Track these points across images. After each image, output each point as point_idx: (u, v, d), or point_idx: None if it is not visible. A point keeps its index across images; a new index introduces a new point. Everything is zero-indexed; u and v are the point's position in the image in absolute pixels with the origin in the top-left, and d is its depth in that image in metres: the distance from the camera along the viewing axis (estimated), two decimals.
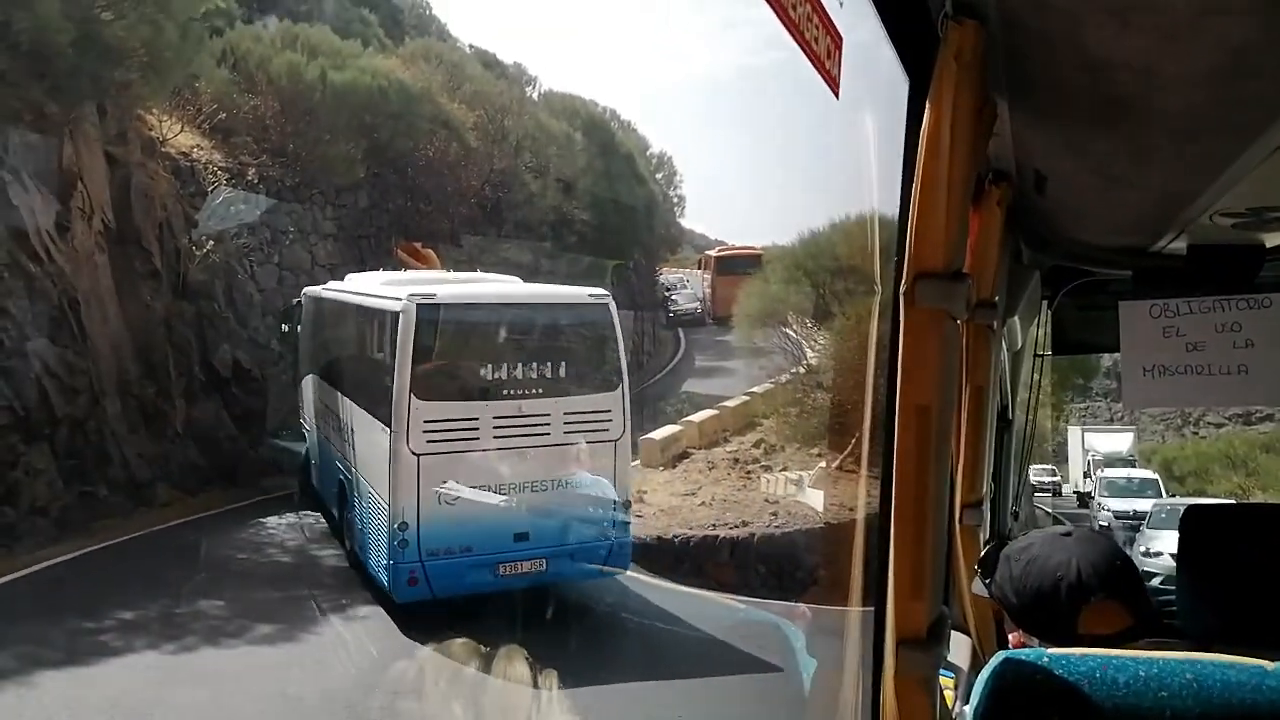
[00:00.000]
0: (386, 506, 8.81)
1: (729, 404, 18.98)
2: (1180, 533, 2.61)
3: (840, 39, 1.06)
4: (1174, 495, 25.19)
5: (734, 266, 25.14)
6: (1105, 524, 22.04)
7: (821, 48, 1.00)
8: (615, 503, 9.48)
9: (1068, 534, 1.70)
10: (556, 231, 22.18)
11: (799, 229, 21.39)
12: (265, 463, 14.58)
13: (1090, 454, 32.72)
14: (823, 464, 15.81)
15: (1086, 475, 30.81)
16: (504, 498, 8.89)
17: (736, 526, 13.31)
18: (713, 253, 30.06)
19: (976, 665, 1.55)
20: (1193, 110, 1.24)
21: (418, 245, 16.55)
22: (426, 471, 8.66)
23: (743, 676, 8.25)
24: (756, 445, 17.19)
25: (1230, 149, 1.34)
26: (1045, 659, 1.42)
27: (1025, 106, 1.50)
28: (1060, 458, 36.43)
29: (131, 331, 13.53)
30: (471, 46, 25.42)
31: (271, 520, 12.73)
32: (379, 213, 18.80)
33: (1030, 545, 1.71)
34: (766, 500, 14.52)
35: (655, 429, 17.29)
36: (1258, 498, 29.41)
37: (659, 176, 31.56)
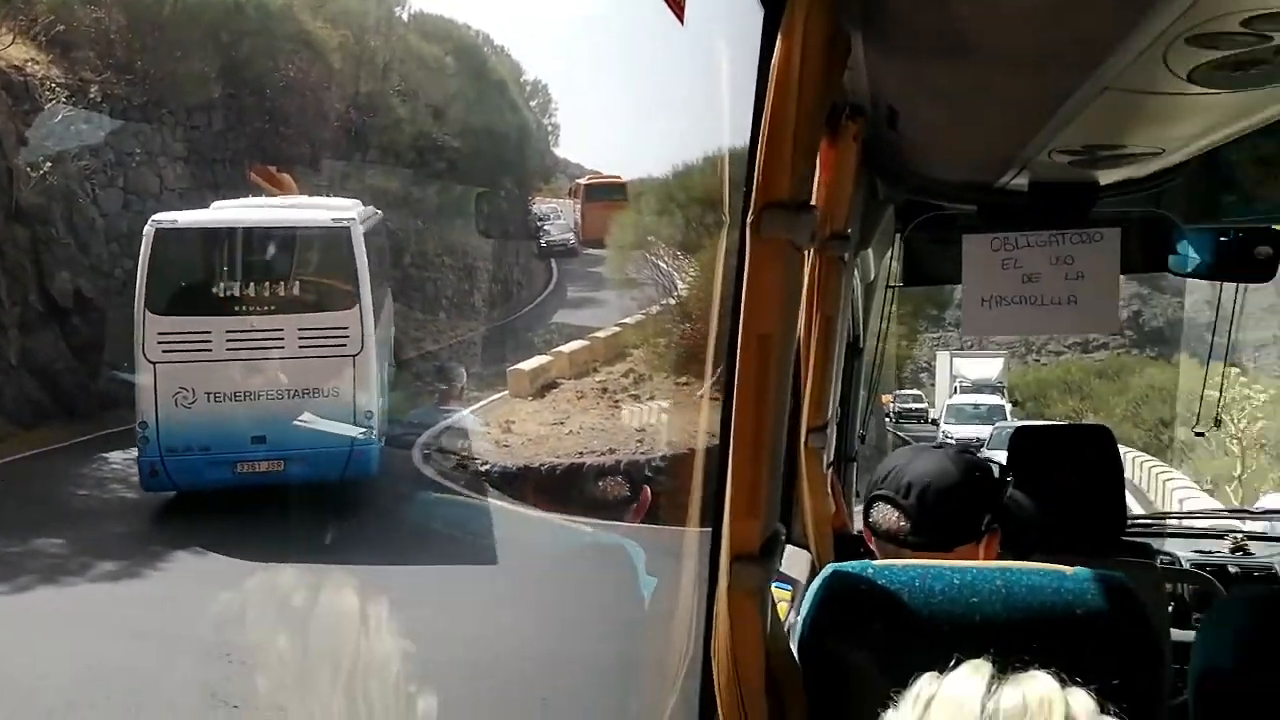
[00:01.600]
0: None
1: (600, 334, 19.08)
2: (1009, 452, 2.81)
3: None
4: (1016, 419, 26.60)
5: (602, 194, 25.44)
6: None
7: None
8: (355, 412, 10.36)
9: (938, 447, 1.85)
10: (425, 158, 21.52)
11: (671, 161, 21.56)
12: (108, 396, 13.80)
13: (958, 380, 34.15)
14: (690, 392, 16.14)
15: None
16: (239, 404, 10.04)
17: (604, 454, 13.51)
18: (582, 181, 29.89)
19: (813, 578, 1.64)
20: (1030, 46, 1.29)
21: (273, 169, 15.88)
22: (162, 378, 9.91)
23: (587, 595, 8.58)
24: (626, 375, 17.39)
25: (1064, 86, 1.40)
26: (870, 570, 1.51)
27: (877, 40, 1.52)
28: (931, 383, 38.07)
29: None
30: None
31: (116, 455, 12.09)
32: (235, 135, 17.81)
33: (897, 452, 1.83)
34: (634, 428, 14.76)
35: (525, 359, 17.25)
36: (1089, 420, 31.76)
37: (533, 104, 30.86)
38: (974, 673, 0.96)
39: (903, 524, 1.72)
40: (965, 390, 32.35)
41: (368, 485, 10.99)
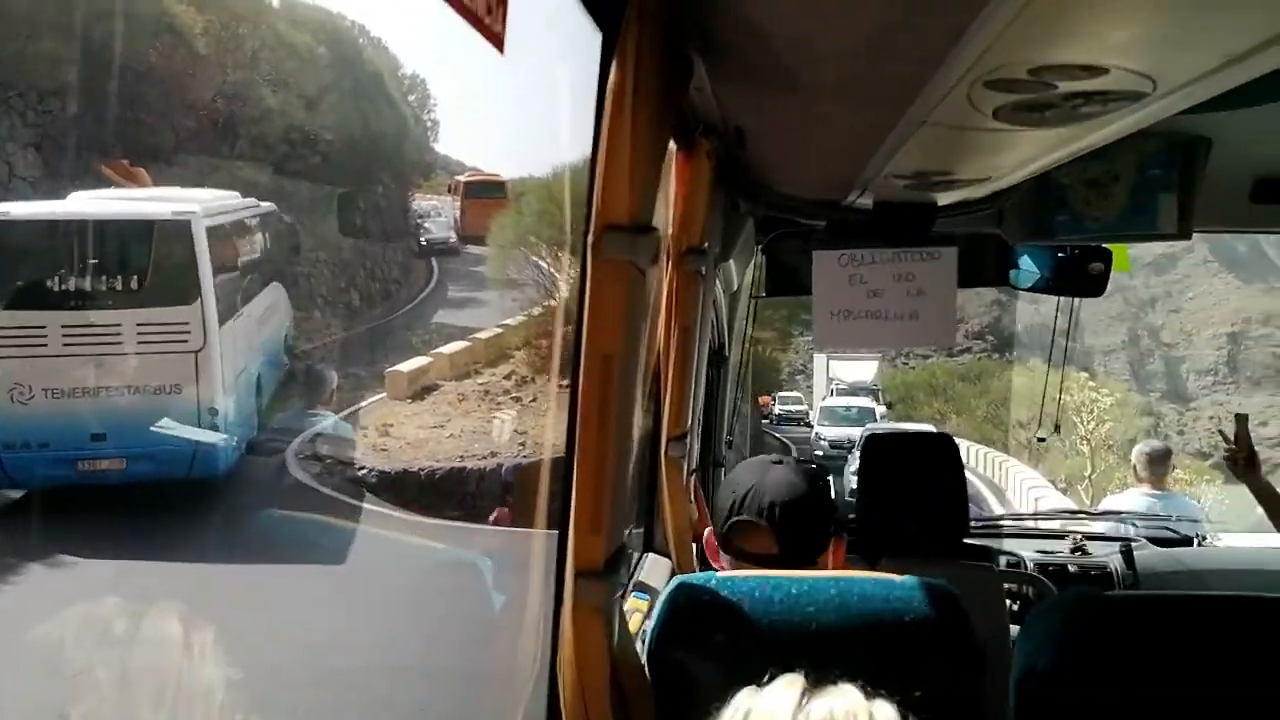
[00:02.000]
0: None
1: (481, 335, 18.86)
2: (860, 458, 2.92)
3: None
4: (885, 421, 27.43)
5: (481, 192, 25.33)
6: (820, 452, 23.58)
7: (479, 3, 0.99)
8: (199, 410, 10.10)
9: (778, 462, 1.84)
10: (297, 151, 20.83)
11: (552, 161, 21.46)
12: None
13: (835, 382, 34.68)
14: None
15: None
16: (79, 400, 9.74)
17: (484, 458, 13.38)
18: (462, 178, 29.58)
19: None
20: (849, 83, 1.36)
21: (126, 163, 15.17)
22: None
23: (440, 605, 8.63)
24: (508, 377, 17.25)
25: (886, 119, 1.48)
26: (713, 581, 1.56)
27: (718, 65, 1.57)
28: (809, 386, 38.84)
29: None
30: None
31: None
32: (91, 122, 16.83)
33: (746, 465, 1.86)
34: (515, 431, 14.66)
35: (404, 360, 16.92)
36: (953, 421, 33.15)
37: (411, 99, 30.27)
38: (788, 687, 1.01)
39: (773, 548, 1.72)
40: (841, 392, 32.93)
41: (234, 488, 10.68)
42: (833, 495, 1.91)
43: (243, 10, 20.83)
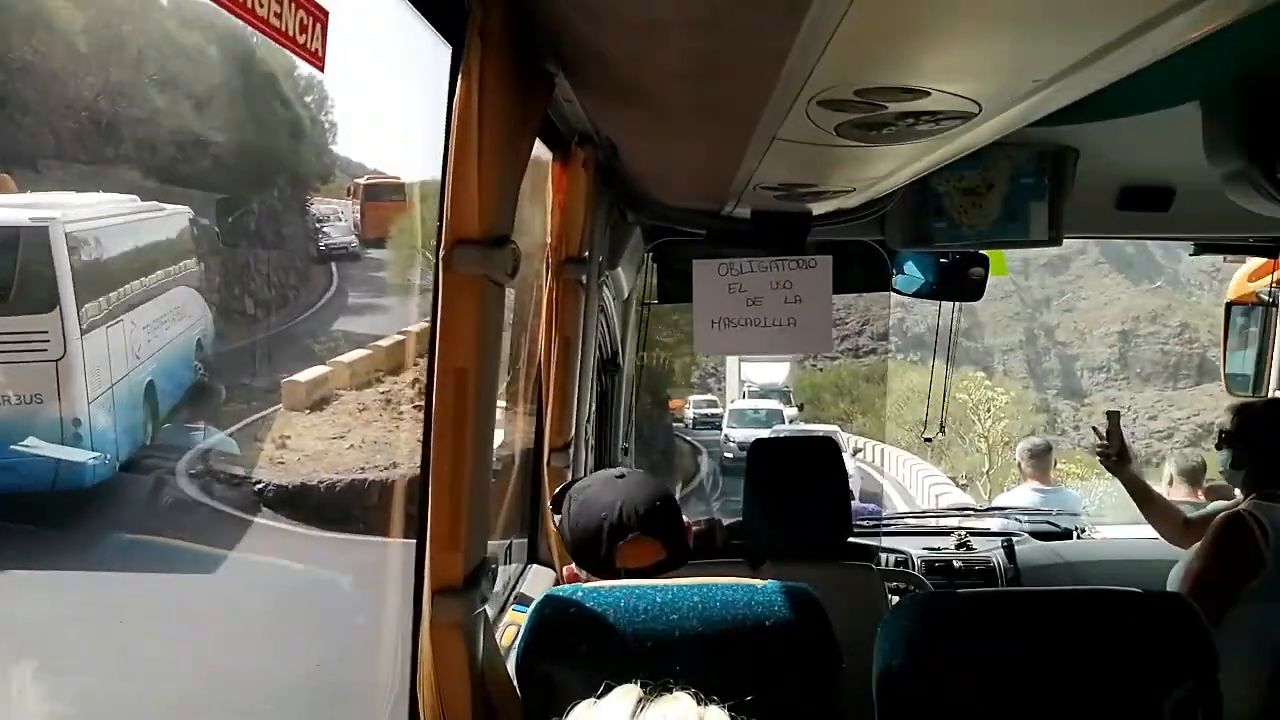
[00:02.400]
0: None
1: (382, 343, 18.47)
2: (747, 463, 2.95)
3: (323, 12, 1.03)
4: (796, 423, 27.81)
5: (380, 194, 25.03)
6: (730, 454, 23.75)
7: (289, 23, 0.97)
8: (60, 421, 9.69)
9: (620, 476, 1.83)
10: (187, 153, 20.11)
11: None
12: None
13: (746, 385, 34.74)
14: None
15: None
16: None
17: (386, 469, 13.12)
18: (361, 180, 29.05)
19: None
20: (698, 100, 1.37)
21: None
22: None
23: (305, 621, 8.56)
24: (411, 385, 16.95)
25: (740, 134, 1.50)
26: (580, 593, 1.56)
27: (579, 81, 1.57)
28: (720, 388, 39.04)
29: None
30: None
31: None
32: None
33: (588, 485, 1.84)
34: (419, 440, 14.39)
35: (302, 370, 16.49)
36: (859, 421, 33.95)
37: (308, 100, 29.46)
38: (622, 698, 1.01)
39: (661, 554, 1.72)
40: (753, 395, 33.17)
41: (110, 503, 10.30)
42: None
43: (127, 7, 20.03)
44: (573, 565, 1.80)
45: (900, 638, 1.60)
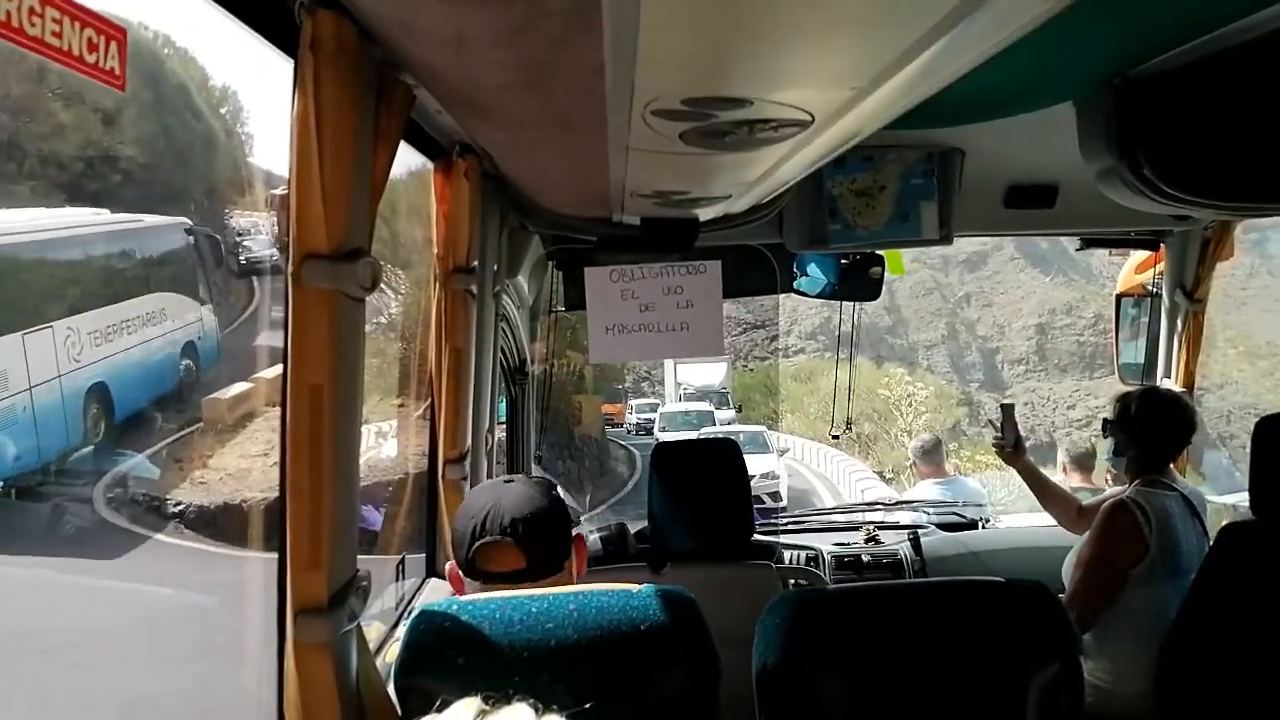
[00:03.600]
0: None
1: None
2: (651, 467, 2.97)
3: (121, 31, 1.02)
4: (734, 425, 27.74)
5: None
6: None
7: (73, 43, 0.95)
8: None
9: (509, 481, 1.82)
10: (95, 169, 19.50)
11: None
12: None
13: (683, 387, 34.53)
14: (407, 414, 15.72)
15: None
16: None
17: None
18: (278, 192, 28.42)
19: None
20: (535, 113, 1.38)
21: None
22: None
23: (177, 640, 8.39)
24: None
25: (594, 145, 1.51)
26: (455, 607, 1.55)
27: (436, 91, 1.56)
28: (652, 391, 38.88)
29: None
30: None
31: None
32: None
33: (479, 489, 1.84)
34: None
35: (222, 387, 16.08)
36: (787, 420, 34.30)
37: (223, 111, 28.84)
38: (464, 709, 1.01)
39: (519, 563, 1.71)
40: (689, 397, 32.97)
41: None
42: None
43: (23, 17, 19.30)
44: (453, 564, 1.80)
45: (773, 635, 1.62)
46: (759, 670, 1.63)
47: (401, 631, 2.26)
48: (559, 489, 1.89)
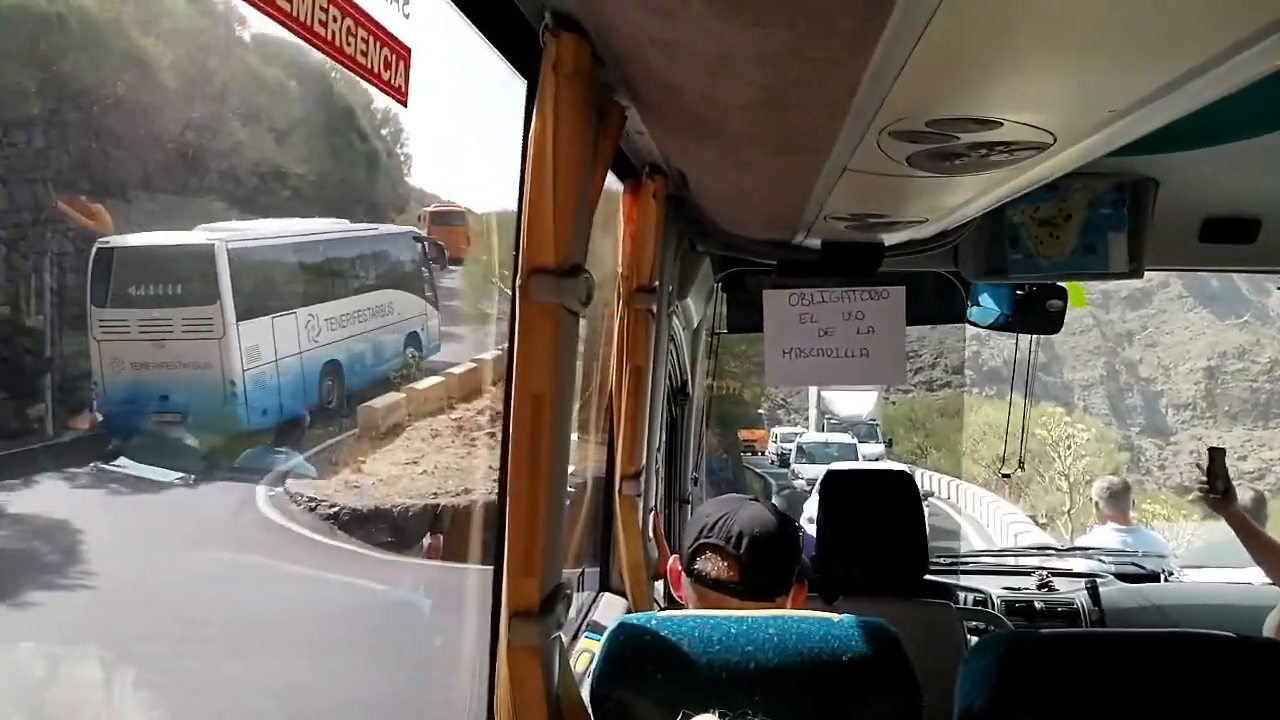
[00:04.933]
0: None
1: (455, 370, 18.74)
2: (818, 496, 2.92)
3: (406, 50, 1.08)
4: (879, 461, 26.11)
5: (446, 220, 26.18)
6: (793, 490, 22.92)
7: (374, 61, 1.01)
8: (221, 381, 13.54)
9: (753, 499, 1.86)
10: (268, 184, 20.79)
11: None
12: None
13: (827, 417, 32.57)
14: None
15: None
16: (150, 372, 13.41)
17: (458, 495, 13.27)
18: (428, 209, 29.83)
19: None
20: (767, 131, 1.39)
21: (83, 199, 15.69)
22: (104, 352, 13.36)
23: (383, 643, 8.75)
24: (482, 413, 17.13)
25: (810, 166, 1.51)
26: (654, 621, 1.56)
27: (648, 113, 1.60)
28: (790, 420, 37.81)
29: None
30: None
31: None
32: (58, 154, 16.68)
33: (719, 500, 1.87)
34: (490, 467, 14.55)
35: (377, 395, 16.82)
36: (932, 456, 33.10)
37: (384, 133, 30.23)
38: None
39: (733, 574, 1.73)
40: (834, 427, 31.00)
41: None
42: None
43: (212, 43, 20.82)
44: (676, 560, 1.84)
45: (983, 677, 1.56)
46: (963, 712, 1.57)
47: (585, 643, 2.30)
48: (797, 525, 1.89)
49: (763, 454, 31.03)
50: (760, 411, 36.15)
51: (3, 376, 14.00)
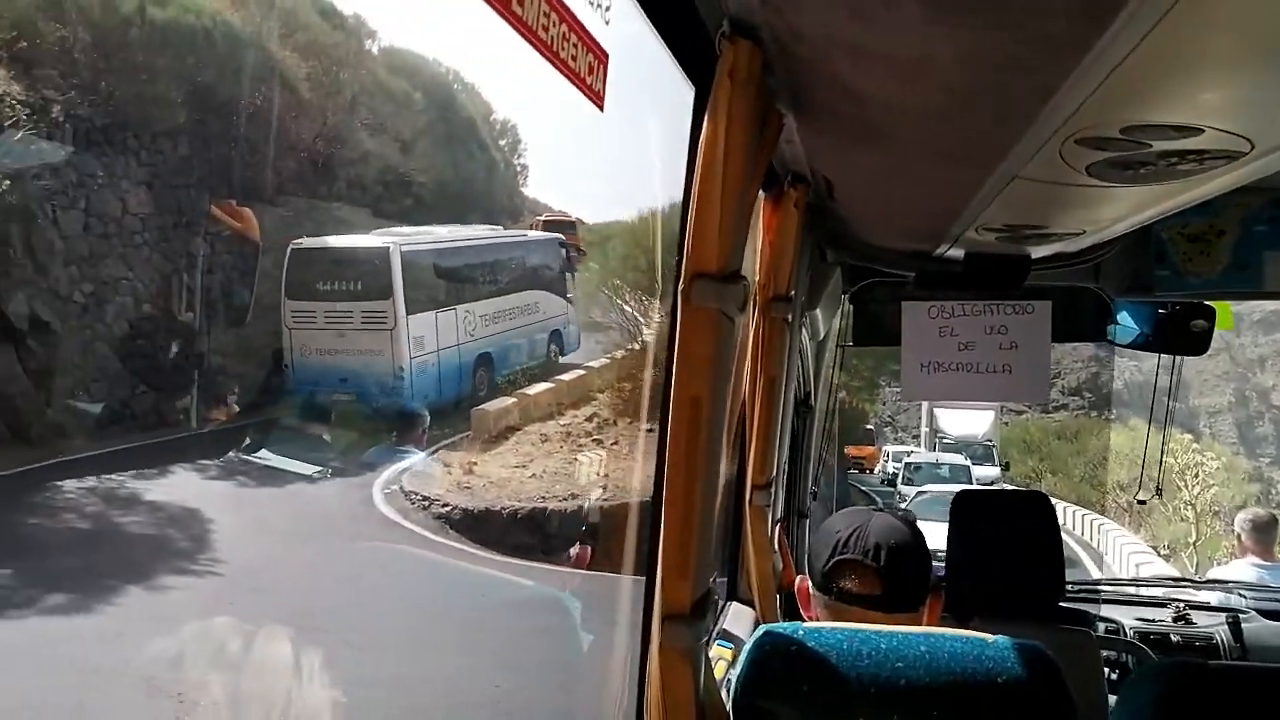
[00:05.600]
0: None
1: (564, 377, 19.02)
2: (950, 516, 2.86)
3: (605, 55, 1.11)
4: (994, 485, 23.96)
5: (558, 229, 26.78)
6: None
7: (581, 65, 1.04)
8: (392, 367, 15.88)
9: (877, 510, 1.83)
10: (391, 192, 21.54)
11: (638, 207, 22.50)
12: (62, 422, 13.61)
13: (940, 436, 30.34)
14: (653, 438, 16.06)
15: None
16: (331, 357, 15.84)
17: (565, 499, 13.43)
18: (540, 218, 30.34)
19: None
20: (936, 140, 1.37)
21: (233, 203, 16.59)
22: (295, 338, 16.00)
23: (528, 645, 8.77)
24: (590, 419, 17.30)
25: (977, 175, 1.48)
26: (800, 632, 1.55)
27: (806, 120, 1.60)
28: (895, 439, 36.73)
29: None
30: None
31: (69, 484, 11.91)
32: (200, 161, 17.59)
33: (843, 514, 1.85)
34: (597, 474, 14.70)
35: (489, 399, 17.19)
36: (1048, 480, 31.83)
37: (502, 143, 30.99)
38: None
39: (874, 587, 1.71)
40: (947, 447, 28.81)
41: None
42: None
43: (344, 57, 21.65)
44: (805, 578, 1.81)
45: (1144, 708, 1.50)
46: None
47: (717, 650, 2.30)
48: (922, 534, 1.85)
49: (870, 472, 29.27)
50: (868, 427, 35.37)
51: (150, 372, 14.96)
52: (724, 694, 1.67)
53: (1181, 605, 3.73)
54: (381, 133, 21.86)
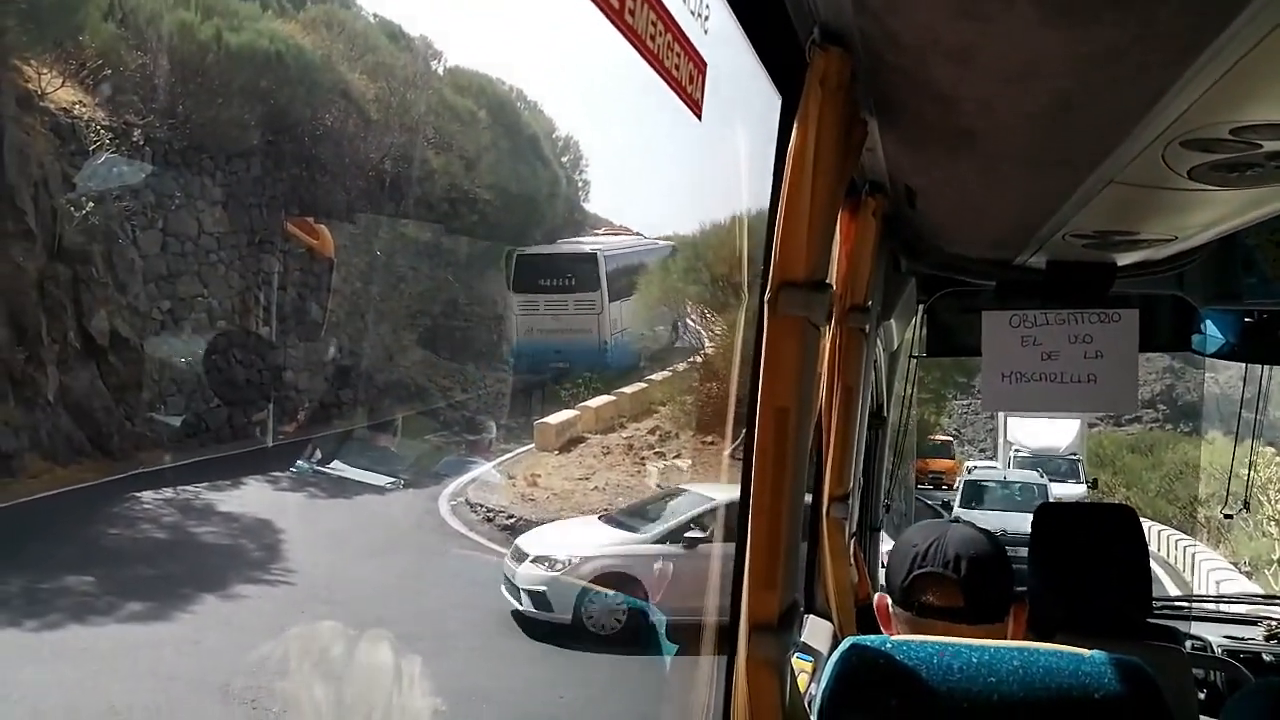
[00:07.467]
0: None
1: (626, 390, 19.11)
2: (1032, 529, 2.79)
3: (704, 64, 1.11)
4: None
5: None
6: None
7: (683, 74, 1.05)
8: (598, 341, 22.08)
9: (954, 522, 1.83)
10: (457, 209, 21.90)
11: (700, 222, 24.24)
12: (142, 435, 14.04)
13: (1014, 448, 26.83)
14: (715, 451, 16.06)
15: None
16: (549, 337, 21.82)
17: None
18: (599, 232, 30.60)
19: (835, 649, 1.64)
20: (1032, 144, 1.34)
21: (310, 220, 16.95)
22: (519, 322, 22.32)
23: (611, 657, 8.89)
24: (652, 432, 17.35)
25: (1070, 180, 1.45)
26: (888, 645, 1.52)
27: (892, 128, 1.58)
28: (966, 452, 35.86)
29: (1, 294, 12.81)
30: (376, 16, 24.55)
31: (148, 495, 12.29)
32: (272, 181, 18.11)
33: (919, 526, 1.82)
34: (659, 486, 14.70)
35: (552, 413, 17.31)
36: (1120, 494, 30.93)
37: (564, 160, 31.27)
38: None
39: (957, 599, 1.68)
40: (1022, 462, 24.89)
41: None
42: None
43: (411, 77, 22.10)
44: (883, 594, 1.78)
45: None
46: None
47: (796, 663, 2.27)
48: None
49: (951, 487, 25.74)
50: (946, 439, 34.70)
51: (225, 386, 15.39)
52: (807, 708, 1.64)
53: (1274, 623, 3.60)
54: (447, 150, 22.24)
